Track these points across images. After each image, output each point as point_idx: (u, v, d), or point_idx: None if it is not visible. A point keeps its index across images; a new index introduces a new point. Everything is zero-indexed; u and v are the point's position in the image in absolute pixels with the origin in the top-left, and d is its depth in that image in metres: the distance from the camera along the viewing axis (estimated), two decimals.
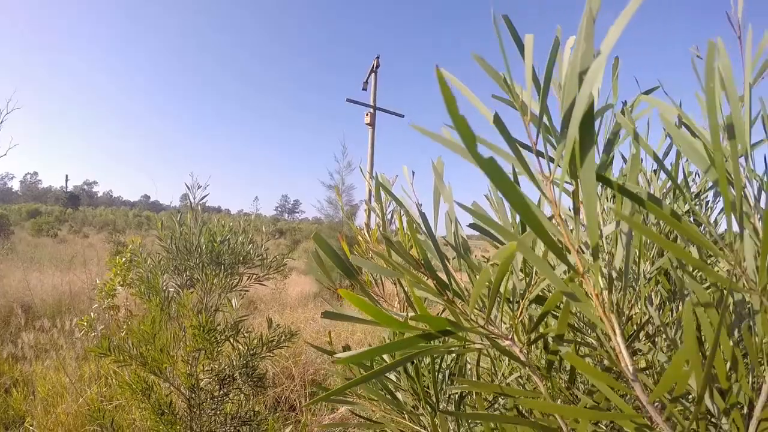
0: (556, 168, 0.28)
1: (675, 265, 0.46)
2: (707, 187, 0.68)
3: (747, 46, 0.52)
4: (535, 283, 0.44)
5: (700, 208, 0.71)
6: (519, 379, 0.78)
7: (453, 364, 0.81)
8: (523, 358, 0.48)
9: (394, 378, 0.76)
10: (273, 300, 7.48)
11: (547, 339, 0.50)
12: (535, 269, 0.46)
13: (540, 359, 0.61)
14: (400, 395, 0.75)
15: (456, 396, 0.77)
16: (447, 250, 0.54)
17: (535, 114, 0.30)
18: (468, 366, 0.92)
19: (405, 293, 0.49)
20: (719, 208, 0.72)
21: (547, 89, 0.30)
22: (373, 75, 14.02)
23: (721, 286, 0.43)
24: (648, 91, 0.70)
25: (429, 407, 0.65)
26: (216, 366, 2.17)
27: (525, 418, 0.63)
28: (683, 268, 0.42)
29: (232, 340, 2.16)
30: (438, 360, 0.82)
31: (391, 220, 0.88)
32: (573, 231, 0.29)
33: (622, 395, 0.54)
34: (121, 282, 4.76)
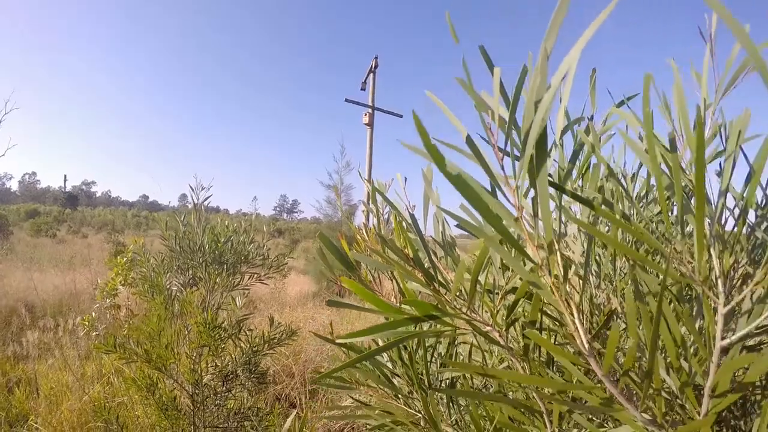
0: (517, 179, 0.34)
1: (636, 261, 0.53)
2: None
3: (705, 67, 0.58)
4: (512, 276, 0.50)
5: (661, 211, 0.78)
6: (507, 369, 0.84)
7: (445, 353, 0.87)
8: (502, 342, 0.54)
9: (390, 366, 0.83)
10: (272, 299, 7.53)
11: (524, 325, 0.56)
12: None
13: (519, 343, 0.67)
14: (396, 382, 0.82)
15: (447, 381, 0.84)
16: (436, 247, 0.61)
17: (502, 133, 0.36)
18: (461, 357, 0.98)
19: (398, 285, 0.55)
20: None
21: (514, 114, 0.37)
22: (372, 75, 14.07)
23: (674, 279, 0.49)
24: (621, 103, 0.76)
25: (422, 391, 0.71)
26: (219, 362, 2.23)
27: (508, 398, 0.70)
28: (636, 262, 0.48)
29: (234, 338, 2.22)
30: (431, 350, 0.89)
31: (387, 220, 0.95)
32: (533, 230, 0.35)
33: (587, 374, 0.60)
34: (123, 282, 4.82)
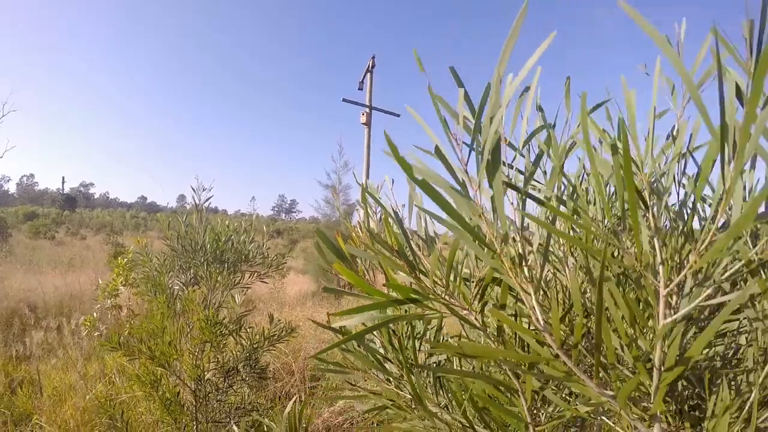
0: (480, 180, 0.42)
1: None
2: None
3: (654, 81, 0.65)
4: (485, 266, 0.58)
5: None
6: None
7: (433, 340, 0.94)
8: (478, 323, 0.61)
9: (382, 351, 0.90)
10: (272, 299, 7.59)
11: (496, 307, 0.63)
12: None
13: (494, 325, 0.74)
14: (388, 366, 0.89)
15: (434, 365, 0.91)
16: (419, 242, 0.68)
17: (467, 144, 0.43)
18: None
19: (384, 273, 0.62)
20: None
21: (479, 128, 0.44)
22: (369, 75, 14.13)
23: (619, 265, 0.56)
24: (596, 106, 0.83)
25: (410, 372, 0.78)
26: (221, 357, 2.30)
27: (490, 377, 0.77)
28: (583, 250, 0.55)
29: (235, 335, 2.29)
30: (419, 338, 0.96)
31: (380, 218, 1.02)
32: (493, 223, 0.42)
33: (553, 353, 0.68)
34: (123, 282, 4.88)
